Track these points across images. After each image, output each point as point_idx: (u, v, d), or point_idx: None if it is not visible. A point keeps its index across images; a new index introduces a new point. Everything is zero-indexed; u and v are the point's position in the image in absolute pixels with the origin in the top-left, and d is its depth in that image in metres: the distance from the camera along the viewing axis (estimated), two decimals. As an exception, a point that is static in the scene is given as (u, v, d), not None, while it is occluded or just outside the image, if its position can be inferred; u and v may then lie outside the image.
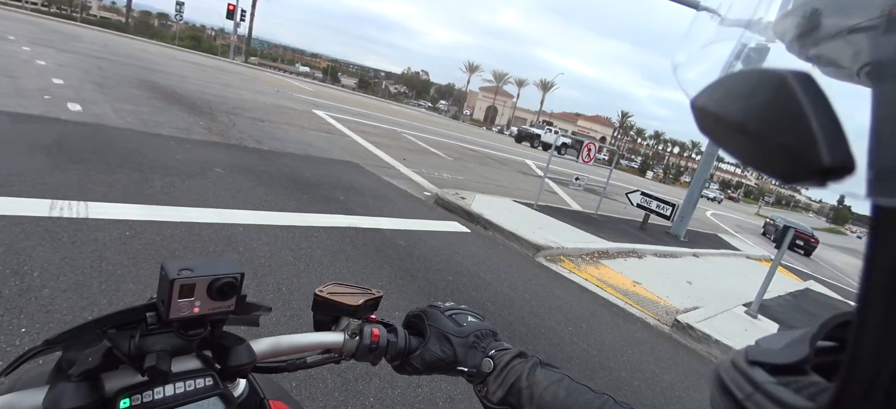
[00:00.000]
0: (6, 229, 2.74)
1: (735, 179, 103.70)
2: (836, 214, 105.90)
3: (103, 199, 3.58)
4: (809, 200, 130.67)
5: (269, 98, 15.71)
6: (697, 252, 9.00)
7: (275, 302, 2.78)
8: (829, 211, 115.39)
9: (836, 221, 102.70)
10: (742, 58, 0.27)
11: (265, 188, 5.03)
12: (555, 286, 4.65)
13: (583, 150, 8.80)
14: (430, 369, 0.64)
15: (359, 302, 0.65)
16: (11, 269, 2.37)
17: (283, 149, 7.64)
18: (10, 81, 7.43)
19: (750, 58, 0.27)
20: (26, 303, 2.15)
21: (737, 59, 0.27)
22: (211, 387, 0.51)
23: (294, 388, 2.06)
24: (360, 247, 4.08)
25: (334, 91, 38.32)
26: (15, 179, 3.51)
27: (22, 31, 17.34)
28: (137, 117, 7.07)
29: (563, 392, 0.55)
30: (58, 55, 12.62)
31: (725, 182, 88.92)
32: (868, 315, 0.18)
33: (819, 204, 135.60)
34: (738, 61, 0.27)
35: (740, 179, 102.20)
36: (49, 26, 24.95)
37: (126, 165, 4.57)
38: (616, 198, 13.03)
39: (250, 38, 49.49)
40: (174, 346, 0.49)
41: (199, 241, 3.36)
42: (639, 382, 3.25)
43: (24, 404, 0.42)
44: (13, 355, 1.82)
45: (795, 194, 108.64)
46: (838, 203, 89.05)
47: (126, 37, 34.87)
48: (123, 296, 2.42)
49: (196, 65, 23.39)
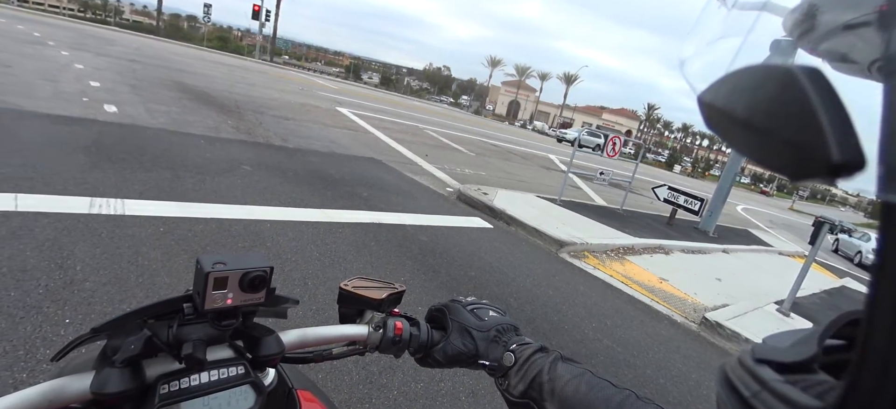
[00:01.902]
0: (51, 225, 2.89)
1: (767, 172, 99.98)
2: (874, 208, 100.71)
3: (139, 196, 3.73)
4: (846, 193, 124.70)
5: (293, 96, 15.99)
6: (727, 248, 8.73)
7: (301, 296, 2.84)
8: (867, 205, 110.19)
9: (875, 216, 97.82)
10: (769, 47, 0.27)
11: (291, 185, 5.14)
12: (578, 283, 4.60)
13: (607, 144, 8.63)
14: (451, 362, 0.65)
15: (382, 296, 0.66)
16: (56, 263, 2.50)
17: (307, 146, 7.78)
18: (51, 84, 7.79)
19: (781, 48, 0.26)
20: (70, 295, 2.26)
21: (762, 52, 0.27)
22: (243, 375, 0.53)
23: (319, 380, 2.11)
24: (384, 243, 4.13)
25: (357, 88, 38.69)
26: (58, 177, 3.69)
27: (61, 36, 18.13)
28: (169, 117, 7.31)
29: (585, 387, 0.55)
30: (94, 59, 13.14)
31: (757, 176, 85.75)
32: (878, 314, 0.18)
33: (856, 198, 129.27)
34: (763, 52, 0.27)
35: (773, 172, 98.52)
36: (85, 31, 26.01)
37: (159, 163, 4.74)
38: (642, 193, 12.76)
39: (275, 38, 50.38)
40: (209, 336, 0.52)
41: (228, 236, 3.47)
42: (664, 380, 3.19)
43: (74, 387, 0.45)
44: (59, 343, 1.92)
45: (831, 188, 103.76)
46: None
47: (157, 39, 36.03)
48: (159, 289, 2.52)
49: (223, 65, 23.98)
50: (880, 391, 0.18)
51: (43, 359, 1.84)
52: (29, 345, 1.89)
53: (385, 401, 2.14)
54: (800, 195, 73.45)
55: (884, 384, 0.18)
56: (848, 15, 0.20)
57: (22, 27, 18.66)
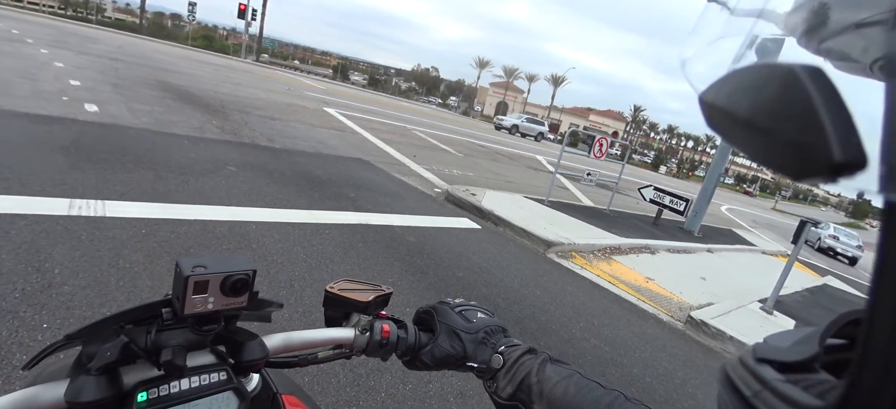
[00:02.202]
0: (28, 228, 2.81)
1: (751, 173, 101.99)
2: (855, 208, 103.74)
3: (120, 197, 3.65)
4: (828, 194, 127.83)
5: (280, 96, 15.84)
6: (712, 248, 8.88)
7: (287, 298, 2.81)
8: (848, 205, 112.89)
9: (856, 215, 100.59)
10: (754, 48, 0.27)
11: (277, 186, 5.08)
12: (566, 283, 4.63)
13: (595, 145, 8.72)
14: (440, 365, 0.65)
15: (369, 298, 0.65)
16: (33, 266, 2.43)
17: (294, 146, 7.71)
18: (29, 83, 7.59)
19: (766, 48, 0.27)
20: (48, 299, 2.20)
21: (748, 49, 0.27)
22: (225, 381, 0.52)
23: (306, 383, 2.08)
24: (371, 244, 4.11)
25: (344, 89, 38.49)
26: (35, 178, 3.60)
27: (40, 34, 17.70)
28: (152, 117, 7.18)
29: (573, 389, 0.55)
30: (75, 57, 12.86)
31: (741, 176, 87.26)
32: (878, 313, 0.18)
33: (838, 198, 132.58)
34: (750, 51, 0.27)
35: (756, 173, 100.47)
36: (66, 29, 25.44)
37: (141, 164, 4.65)
38: (628, 193, 12.90)
39: (261, 38, 49.87)
40: (189, 341, 0.50)
41: (212, 238, 3.41)
42: (651, 378, 3.23)
43: (47, 396, 0.44)
44: (36, 349, 1.86)
45: (813, 189, 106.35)
46: (858, 197, 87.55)
47: (140, 38, 35.39)
48: (140, 292, 2.47)
49: (208, 64, 23.66)
50: (881, 390, 0.18)
51: (18, 365, 1.79)
52: (4, 351, 1.83)
53: (373, 404, 2.13)
54: (782, 195, 74.78)
55: (885, 383, 0.18)
56: (861, 14, 0.20)
57: (0, 24, 18.18)
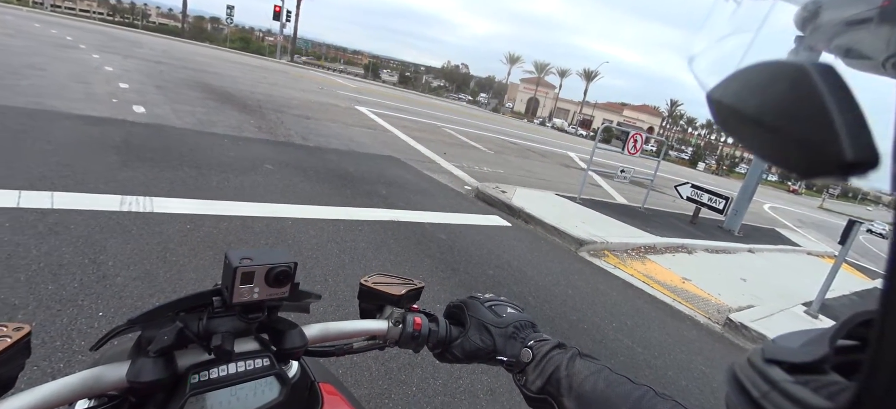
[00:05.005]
0: (84, 222, 3.00)
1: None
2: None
3: (166, 194, 3.84)
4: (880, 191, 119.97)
5: (313, 96, 16.20)
6: (753, 248, 8.50)
7: (322, 292, 2.86)
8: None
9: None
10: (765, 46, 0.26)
11: (311, 183, 5.22)
12: (598, 282, 4.55)
13: (628, 141, 8.49)
14: (469, 357, 0.66)
15: (402, 292, 0.68)
16: (90, 258, 2.60)
17: (327, 145, 7.88)
18: (83, 86, 8.08)
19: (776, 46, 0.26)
20: (103, 289, 2.36)
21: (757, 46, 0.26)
22: (268, 367, 0.55)
23: (340, 374, 2.14)
24: (402, 240, 4.16)
25: (376, 87, 38.95)
26: (90, 176, 3.84)
27: (91, 39, 18.76)
28: (194, 117, 7.50)
29: (603, 383, 0.55)
30: (123, 61, 13.57)
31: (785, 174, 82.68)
32: (891, 314, 0.17)
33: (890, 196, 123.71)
34: (759, 48, 0.26)
35: (784, 170, 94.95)
36: (114, 34, 26.85)
37: (185, 162, 4.88)
38: (664, 191, 12.51)
39: (295, 38, 51.09)
40: (236, 328, 0.54)
41: (251, 234, 3.54)
42: (686, 381, 3.14)
43: (111, 376, 0.48)
44: (93, 334, 2.01)
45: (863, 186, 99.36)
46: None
47: (182, 41, 36.95)
48: (186, 285, 2.60)
49: (245, 66, 24.45)
50: (894, 392, 0.17)
51: (79, 350, 1.92)
52: (65, 336, 1.98)
53: (404, 396, 2.17)
54: (830, 193, 70.65)
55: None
56: (849, 11, 0.20)
57: (55, 31, 19.39)
